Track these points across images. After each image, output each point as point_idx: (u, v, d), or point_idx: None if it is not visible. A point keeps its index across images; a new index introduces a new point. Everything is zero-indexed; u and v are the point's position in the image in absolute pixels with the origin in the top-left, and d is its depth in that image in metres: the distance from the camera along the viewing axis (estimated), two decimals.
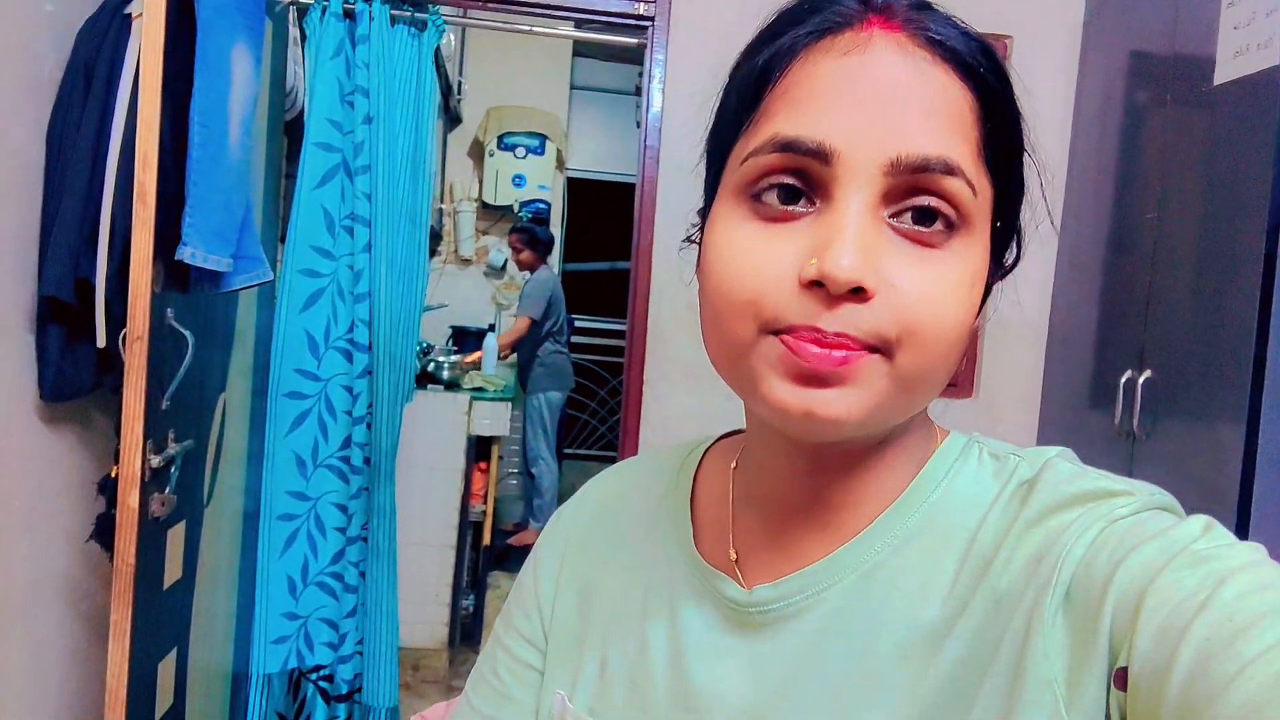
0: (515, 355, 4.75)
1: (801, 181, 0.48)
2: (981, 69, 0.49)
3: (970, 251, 0.49)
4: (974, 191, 0.48)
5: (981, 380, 2.55)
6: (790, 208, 0.49)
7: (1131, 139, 2.30)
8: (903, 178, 0.47)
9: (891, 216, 0.48)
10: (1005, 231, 0.54)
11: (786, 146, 0.48)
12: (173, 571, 1.80)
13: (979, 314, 0.53)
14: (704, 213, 0.58)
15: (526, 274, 4.78)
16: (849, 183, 0.47)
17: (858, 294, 0.46)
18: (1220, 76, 1.91)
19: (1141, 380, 2.06)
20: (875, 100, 0.47)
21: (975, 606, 0.50)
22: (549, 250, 4.81)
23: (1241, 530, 1.71)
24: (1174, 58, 2.11)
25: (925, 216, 0.48)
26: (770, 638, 0.56)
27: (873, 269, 0.46)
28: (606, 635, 0.64)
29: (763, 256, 0.48)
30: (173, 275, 1.66)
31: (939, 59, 0.48)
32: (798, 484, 0.57)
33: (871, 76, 0.47)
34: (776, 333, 0.48)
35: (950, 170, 0.47)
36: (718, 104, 0.56)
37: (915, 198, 0.48)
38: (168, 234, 1.59)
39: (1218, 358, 1.85)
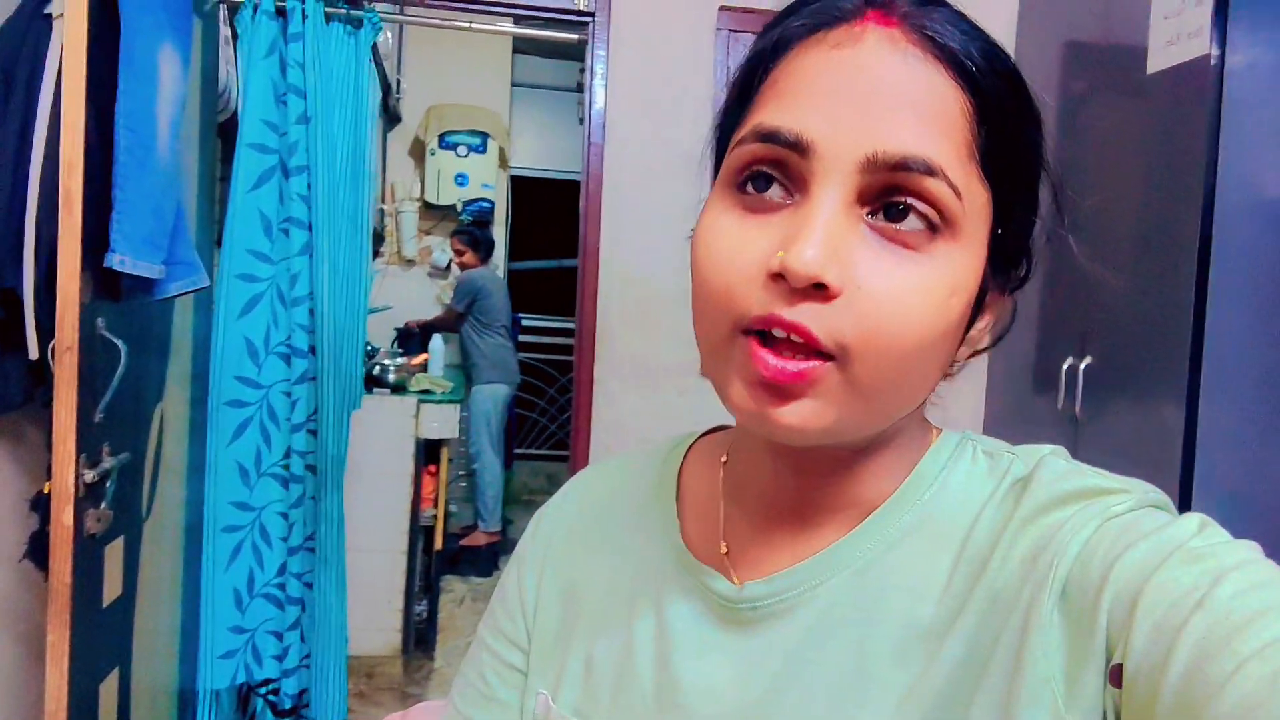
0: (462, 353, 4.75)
1: (782, 173, 0.48)
2: (978, 71, 0.48)
3: (953, 257, 0.48)
4: (958, 195, 0.47)
5: None
6: (770, 198, 0.48)
7: (1068, 128, 2.33)
8: (880, 175, 0.46)
9: (870, 214, 0.47)
10: (1012, 243, 0.53)
11: (767, 137, 0.48)
12: (112, 589, 1.75)
13: (971, 326, 0.52)
14: None
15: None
16: (824, 177, 0.47)
17: (820, 290, 0.45)
18: (1153, 65, 1.94)
19: (1083, 366, 2.09)
20: (859, 94, 0.46)
21: (972, 606, 0.50)
22: (490, 251, 4.86)
23: (1184, 509, 1.74)
24: (1107, 47, 2.15)
25: (903, 215, 0.47)
26: (760, 634, 0.55)
27: (838, 266, 0.45)
28: (592, 634, 0.63)
29: (738, 247, 0.48)
30: (103, 283, 1.60)
31: (932, 57, 0.47)
32: (787, 482, 0.57)
33: (858, 70, 0.47)
34: (747, 331, 0.48)
35: (930, 171, 0.46)
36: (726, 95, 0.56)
37: (893, 196, 0.47)
38: (96, 241, 1.54)
39: (1157, 342, 1.88)
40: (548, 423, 6.30)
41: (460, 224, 5.16)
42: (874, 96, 0.46)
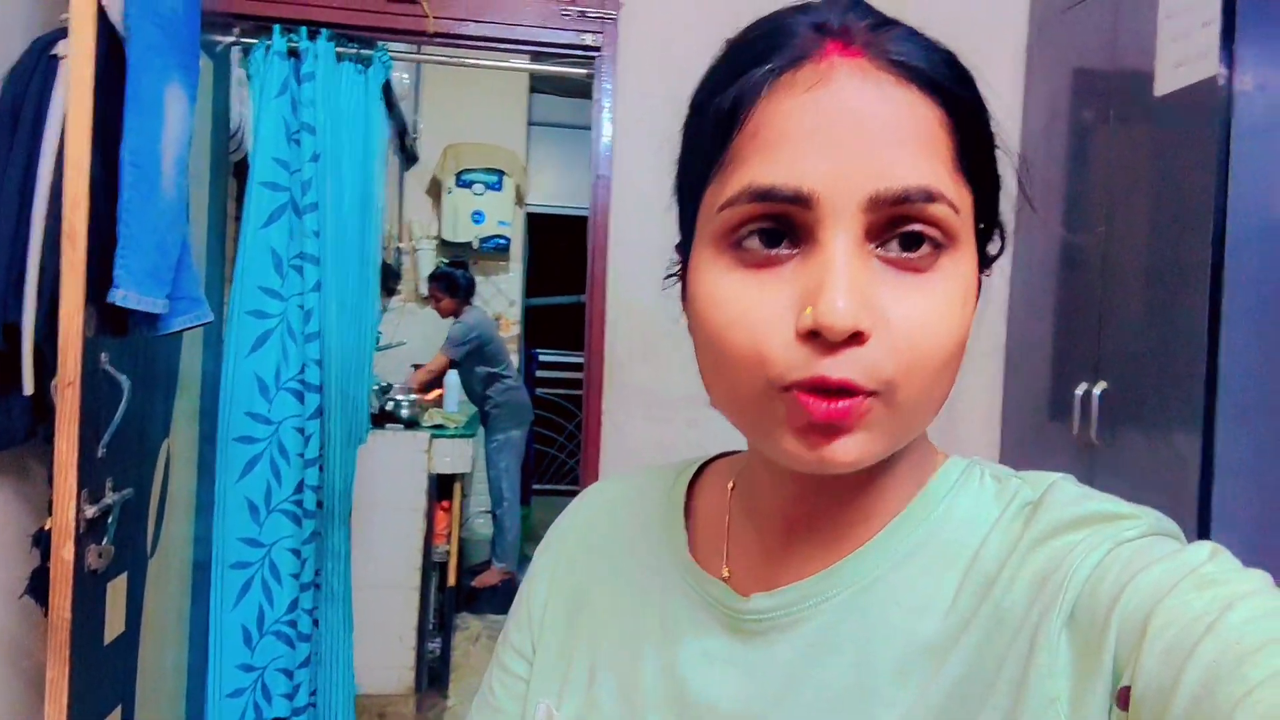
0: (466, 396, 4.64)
1: (783, 225, 0.48)
2: (947, 82, 0.49)
3: (959, 268, 0.49)
4: (956, 210, 0.48)
5: None
6: (775, 251, 0.48)
7: (1078, 155, 2.32)
8: (884, 211, 0.47)
9: (878, 247, 0.48)
10: (990, 232, 0.54)
11: (764, 196, 0.47)
12: (114, 626, 1.74)
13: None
14: (682, 248, 0.57)
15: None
16: (831, 224, 0.47)
17: (855, 337, 0.46)
18: (1160, 88, 1.92)
19: (1098, 391, 2.06)
20: (846, 135, 0.46)
21: (977, 624, 0.50)
22: (471, 292, 4.60)
23: (1201, 536, 1.70)
24: (1115, 73, 2.13)
25: (911, 242, 0.48)
26: (764, 647, 0.56)
27: (867, 309, 0.46)
28: (596, 644, 0.64)
29: (755, 307, 0.48)
30: (108, 318, 1.61)
31: (903, 80, 0.47)
32: (798, 502, 0.57)
33: (838, 110, 0.47)
34: (785, 388, 0.47)
35: (931, 197, 0.47)
36: (682, 140, 0.56)
37: (901, 227, 0.47)
38: (100, 276, 1.54)
39: (1172, 366, 1.85)
40: (566, 458, 6.29)
41: (436, 268, 4.85)
42: (861, 134, 0.46)
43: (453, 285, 4.48)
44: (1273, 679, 0.37)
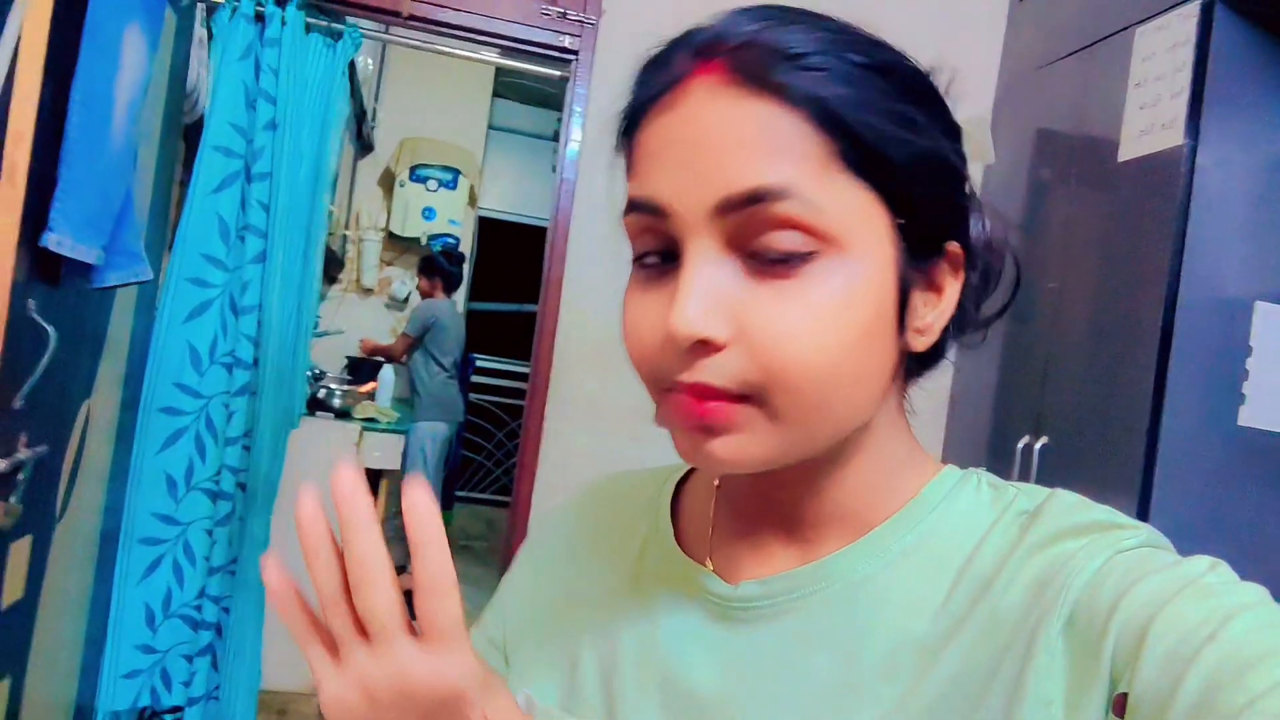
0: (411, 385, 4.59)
1: (662, 240, 0.51)
2: (811, 86, 0.47)
3: (841, 271, 0.48)
4: (819, 209, 0.47)
5: None
6: (660, 264, 0.51)
7: (1035, 213, 2.35)
8: (736, 216, 0.47)
9: (745, 257, 0.48)
10: (929, 225, 0.52)
11: (632, 207, 0.51)
12: (13, 590, 1.63)
13: (904, 319, 0.52)
14: None
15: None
16: (688, 234, 0.49)
17: (708, 345, 0.47)
18: (1124, 154, 1.96)
19: (1038, 446, 2.08)
20: (693, 149, 0.48)
21: (971, 624, 0.50)
22: (450, 284, 4.64)
23: None
24: (1080, 137, 2.17)
25: (770, 248, 0.48)
26: (750, 635, 0.56)
27: (722, 318, 0.47)
28: (579, 632, 0.64)
29: (641, 317, 0.51)
30: (39, 264, 1.53)
31: (756, 91, 0.47)
32: (770, 495, 0.58)
33: (687, 126, 0.49)
34: (664, 390, 0.50)
35: (780, 195, 0.46)
36: None
37: (758, 234, 0.47)
38: (35, 220, 1.46)
39: (1112, 427, 1.87)
40: (492, 466, 6.20)
41: (432, 251, 4.95)
42: (707, 146, 0.48)
43: (430, 267, 4.61)
44: (1274, 689, 0.37)
